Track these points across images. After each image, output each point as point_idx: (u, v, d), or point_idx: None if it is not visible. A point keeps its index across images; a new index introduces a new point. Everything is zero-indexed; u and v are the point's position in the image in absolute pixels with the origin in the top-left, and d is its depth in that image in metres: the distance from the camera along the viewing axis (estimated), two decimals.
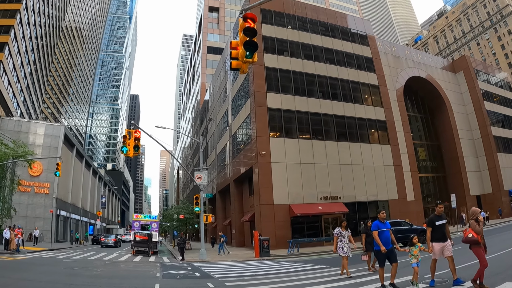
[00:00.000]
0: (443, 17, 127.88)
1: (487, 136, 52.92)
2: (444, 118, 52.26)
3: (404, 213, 36.45)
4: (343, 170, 34.90)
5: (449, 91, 54.08)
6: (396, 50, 50.83)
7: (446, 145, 51.83)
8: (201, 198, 26.51)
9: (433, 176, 50.90)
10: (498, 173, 51.47)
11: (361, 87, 40.16)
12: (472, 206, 47.36)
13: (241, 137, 38.64)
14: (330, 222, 33.78)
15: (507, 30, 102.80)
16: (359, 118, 38.07)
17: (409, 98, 51.36)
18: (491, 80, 62.60)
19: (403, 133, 43.03)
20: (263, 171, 31.53)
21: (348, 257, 13.41)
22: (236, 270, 17.10)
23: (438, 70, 55.15)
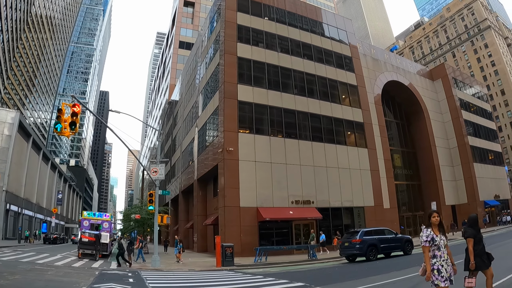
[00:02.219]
0: (420, 28, 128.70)
1: (464, 145, 51.96)
2: (421, 126, 50.87)
3: (380, 221, 34.46)
4: (317, 173, 32.44)
5: (427, 98, 52.88)
6: (375, 52, 49.10)
7: (422, 153, 50.43)
8: (156, 195, 23.25)
9: (408, 184, 49.26)
10: (474, 183, 50.57)
11: (339, 86, 38.03)
12: (448, 216, 46.40)
13: (208, 132, 35.67)
14: (301, 228, 31.24)
15: (484, 44, 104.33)
16: (335, 118, 35.86)
17: (386, 103, 49.75)
18: (468, 90, 61.94)
19: (380, 138, 41.26)
20: (229, 170, 28.66)
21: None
22: (188, 284, 14.01)
23: (416, 77, 53.89)
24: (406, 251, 22.24)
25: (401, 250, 22.25)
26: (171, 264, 24.07)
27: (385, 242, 21.59)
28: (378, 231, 22.31)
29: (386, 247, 21.63)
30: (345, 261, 21.98)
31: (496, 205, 55.79)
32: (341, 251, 22.27)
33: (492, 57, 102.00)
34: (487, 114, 65.25)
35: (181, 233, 45.77)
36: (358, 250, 20.51)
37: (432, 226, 6.79)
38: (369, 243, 20.56)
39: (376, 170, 37.51)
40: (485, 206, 52.25)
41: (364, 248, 20.34)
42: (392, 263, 18.08)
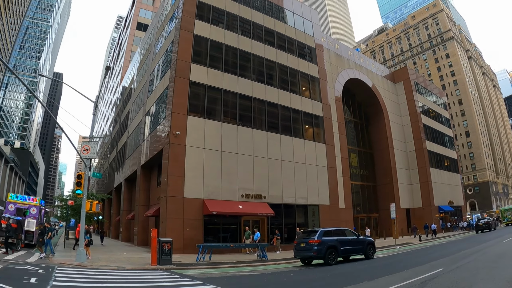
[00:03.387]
0: (383, 33, 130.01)
1: (421, 149, 51.82)
2: (380, 127, 50.24)
3: (335, 221, 33.18)
4: (271, 166, 30.46)
5: (388, 100, 52.38)
6: (339, 48, 47.91)
7: (379, 154, 49.82)
8: (86, 177, 20.20)
9: (364, 185, 48.41)
10: (429, 187, 50.56)
11: (300, 76, 36.27)
12: (402, 219, 45.57)
13: (155, 115, 32.76)
14: (251, 225, 28.94)
15: (446, 54, 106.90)
16: (294, 109, 34.10)
17: (346, 101, 48.87)
18: (429, 96, 62.08)
19: (338, 135, 40.07)
20: (174, 156, 26.06)
21: None
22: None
23: (378, 77, 53.22)
24: (368, 255, 20.41)
25: (363, 253, 20.37)
26: (99, 258, 21.10)
27: (346, 244, 19.54)
28: (339, 232, 20.15)
29: (347, 250, 19.62)
30: (300, 263, 19.83)
31: (450, 211, 55.97)
32: (295, 252, 19.76)
33: (452, 67, 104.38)
34: (445, 121, 65.68)
35: (123, 224, 42.64)
36: (316, 252, 18.13)
37: None
38: (328, 244, 18.36)
39: (333, 168, 36.09)
40: (439, 211, 52.21)
41: (322, 251, 18.07)
42: (356, 270, 16.03)
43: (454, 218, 58.84)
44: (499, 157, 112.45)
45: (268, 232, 29.63)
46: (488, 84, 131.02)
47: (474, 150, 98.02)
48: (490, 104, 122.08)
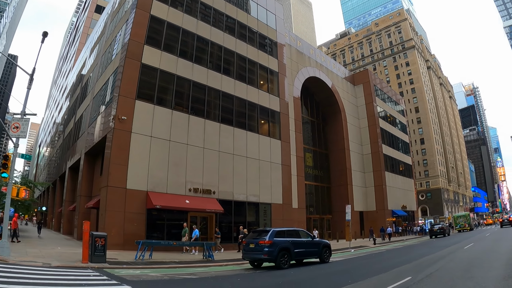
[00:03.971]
0: (345, 38, 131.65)
1: (378, 153, 52.15)
2: (337, 128, 50.26)
3: (287, 221, 32.46)
4: (222, 159, 29.32)
5: (346, 101, 52.46)
6: (301, 45, 47.31)
7: (335, 155, 49.76)
8: (14, 159, 18.17)
9: (318, 185, 48.00)
10: (384, 191, 50.95)
11: (259, 69, 35.33)
12: (356, 222, 45.43)
13: (103, 98, 30.69)
14: (198, 222, 27.62)
15: (406, 62, 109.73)
16: (250, 102, 33.14)
17: (305, 99, 48.34)
18: (387, 101, 62.71)
19: (295, 133, 39.46)
20: (118, 142, 24.33)
21: None
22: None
23: (339, 78, 53.21)
24: (324, 258, 19.18)
25: (318, 257, 19.08)
26: (28, 254, 18.91)
27: (301, 246, 18.13)
28: (292, 233, 18.69)
29: (301, 252, 18.16)
30: (249, 265, 18.29)
31: (402, 216, 56.68)
32: (244, 254, 18.00)
33: (411, 76, 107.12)
34: (402, 127, 66.60)
35: (65, 215, 40.12)
36: (267, 254, 16.54)
37: None
38: (281, 246, 16.86)
39: (288, 166, 35.35)
40: (393, 215, 52.69)
41: (274, 253, 16.51)
42: (312, 276, 14.36)
43: (405, 222, 59.72)
44: (451, 165, 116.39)
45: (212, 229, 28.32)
46: (445, 94, 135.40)
47: (428, 157, 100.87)
48: (445, 114, 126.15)
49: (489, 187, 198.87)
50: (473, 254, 18.56)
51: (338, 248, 30.38)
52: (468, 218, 59.12)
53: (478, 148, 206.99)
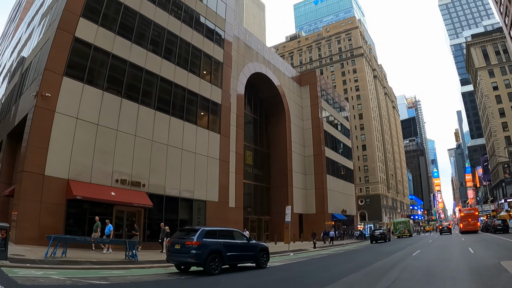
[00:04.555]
0: (295, 40, 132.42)
1: (320, 155, 52.23)
2: (280, 127, 49.88)
3: (223, 221, 31.49)
4: (155, 150, 27.73)
5: (292, 102, 52.29)
6: (250, 39, 46.52)
7: (277, 155, 49.32)
8: None
9: (257, 185, 47.41)
10: (324, 194, 51.10)
11: (203, 57, 34.09)
12: (295, 224, 44.95)
13: (30, 73, 27.88)
14: (125, 217, 25.67)
15: (353, 68, 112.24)
16: (190, 91, 31.81)
17: (249, 96, 47.50)
18: (333, 104, 63.19)
19: (235, 128, 38.68)
20: (39, 122, 22.10)
21: None
22: None
23: (286, 77, 52.89)
24: (260, 263, 17.48)
25: (254, 261, 17.36)
26: None
27: (235, 249, 16.35)
28: (225, 233, 16.74)
29: (235, 256, 16.41)
30: (175, 269, 16.21)
31: (342, 220, 57.10)
32: (168, 256, 15.87)
33: (358, 82, 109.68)
34: (346, 132, 67.37)
35: None
36: (195, 257, 14.51)
37: None
38: (211, 248, 14.94)
39: (226, 162, 34.30)
40: (333, 218, 52.88)
41: (203, 256, 14.50)
42: (248, 285, 12.93)
43: (344, 227, 60.30)
44: (391, 173, 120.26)
45: (145, 227, 26.55)
46: (389, 104, 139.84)
47: (369, 164, 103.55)
48: (388, 123, 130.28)
49: (425, 196, 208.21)
50: (426, 262, 17.13)
51: (276, 251, 29.61)
52: (407, 224, 60.58)
53: (416, 158, 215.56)
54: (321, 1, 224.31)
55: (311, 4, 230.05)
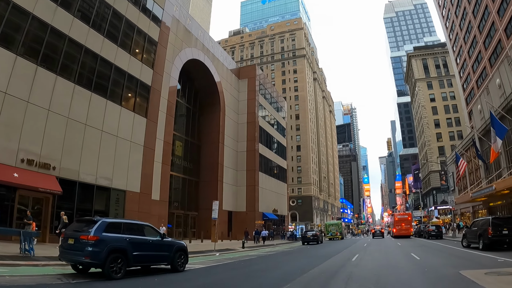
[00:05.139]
0: (238, 36, 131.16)
1: (253, 151, 51.16)
2: (213, 119, 48.38)
3: (145, 215, 29.49)
4: (71, 129, 25.05)
5: (228, 94, 50.85)
6: (190, 24, 44.57)
7: (208, 148, 47.75)
8: None
9: (186, 178, 45.31)
10: (256, 192, 49.81)
11: (137, 33, 31.92)
12: (223, 222, 43.36)
13: None
14: (30, 203, 22.66)
15: (294, 69, 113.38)
16: (118, 67, 29.40)
17: (183, 83, 45.48)
18: (270, 101, 62.46)
19: (166, 115, 36.53)
20: None
21: None
22: None
23: (224, 68, 51.35)
24: (177, 266, 14.73)
25: (169, 263, 14.62)
26: None
27: (144, 248, 13.38)
28: (134, 227, 13.67)
29: (145, 256, 13.44)
30: (71, 270, 13.17)
31: (273, 219, 56.33)
32: (61, 253, 12.59)
33: (297, 83, 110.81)
34: (281, 130, 66.87)
35: None
36: (91, 256, 11.48)
37: None
38: (113, 246, 11.98)
39: (151, 149, 32.21)
40: (263, 218, 51.88)
41: (101, 255, 11.55)
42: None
43: (274, 226, 59.65)
44: (324, 175, 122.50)
45: (53, 217, 23.58)
46: (326, 108, 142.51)
47: (302, 165, 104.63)
48: (324, 126, 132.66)
49: (355, 200, 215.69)
50: (372, 270, 14.38)
51: (201, 250, 27.92)
52: (340, 226, 60.40)
53: (349, 163, 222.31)
54: (268, 1, 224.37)
55: (259, 3, 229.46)
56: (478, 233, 23.06)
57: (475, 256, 18.85)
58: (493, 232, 21.32)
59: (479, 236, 22.75)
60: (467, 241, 25.69)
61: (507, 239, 21.59)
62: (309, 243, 43.13)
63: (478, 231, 23.05)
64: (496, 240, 21.48)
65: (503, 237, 21.40)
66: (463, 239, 26.88)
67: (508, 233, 21.34)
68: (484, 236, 21.94)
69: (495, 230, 21.38)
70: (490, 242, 21.56)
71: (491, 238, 21.37)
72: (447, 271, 13.15)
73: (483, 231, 22.27)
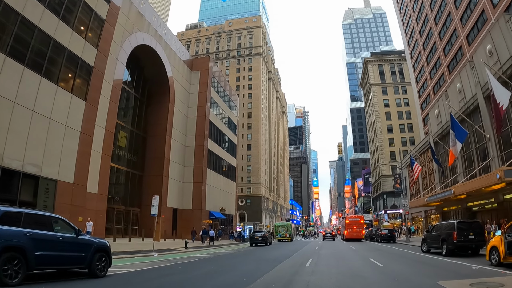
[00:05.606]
0: (195, 30, 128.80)
1: (202, 147, 49.44)
2: (162, 111, 46.24)
3: (79, 208, 27.28)
4: None
5: (179, 85, 49.03)
6: (144, 7, 42.44)
7: (154, 141, 45.50)
8: None
9: (129, 171, 42.66)
10: (203, 189, 47.91)
11: (83, 7, 29.07)
12: (168, 220, 41.04)
13: None
14: None
15: (249, 66, 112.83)
16: (58, 43, 26.50)
17: (132, 70, 42.88)
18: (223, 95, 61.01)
19: (109, 101, 34.06)
20: None
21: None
22: None
23: (176, 57, 49.50)
24: (95, 270, 11.85)
25: (86, 266, 11.69)
26: None
27: (51, 246, 10.33)
28: (40, 220, 10.68)
29: (52, 257, 10.38)
30: None
31: (221, 218, 54.57)
32: None
33: (252, 81, 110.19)
34: (232, 127, 65.36)
35: None
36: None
37: None
38: (6, 243, 8.99)
39: (89, 136, 29.66)
40: (210, 217, 50.02)
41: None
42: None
43: (222, 226, 57.96)
44: (274, 176, 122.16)
45: None
46: (279, 109, 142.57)
47: (252, 164, 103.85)
48: (276, 126, 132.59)
49: (304, 203, 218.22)
50: (331, 280, 11.98)
51: (138, 250, 25.67)
52: (289, 228, 58.87)
53: (299, 165, 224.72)
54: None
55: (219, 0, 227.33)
56: (441, 238, 22.24)
57: (442, 263, 17.65)
58: (459, 237, 20.50)
59: (442, 241, 21.93)
60: (427, 246, 24.88)
61: (473, 244, 20.98)
62: (258, 244, 41.47)
63: (441, 236, 22.23)
64: (461, 245, 20.75)
65: (469, 242, 20.71)
66: (422, 243, 25.91)
67: (474, 238, 20.69)
68: (449, 241, 21.09)
69: (461, 235, 20.59)
70: (455, 247, 20.78)
71: (456, 243, 20.56)
72: (422, 281, 11.30)
73: (447, 236, 21.47)
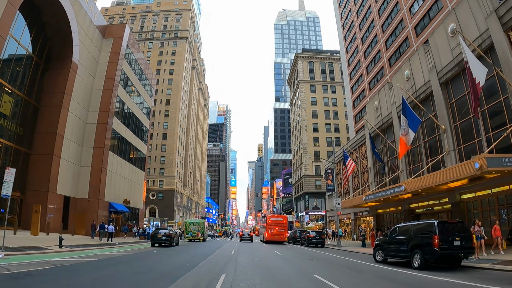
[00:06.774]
0: (121, 7, 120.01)
1: (105, 125, 43.20)
2: (61, 78, 39.11)
3: None
4: None
5: (86, 51, 42.50)
6: None
7: (48, 112, 37.91)
8: None
9: (12, 147, 34.41)
10: (102, 176, 41.11)
11: None
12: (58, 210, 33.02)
13: None
14: None
15: (173, 50, 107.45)
16: None
17: (30, 24, 35.45)
18: (138, 72, 54.41)
19: None
20: None
21: None
22: None
23: (87, 18, 43.16)
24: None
25: None
26: None
27: None
28: None
29: None
30: None
31: (124, 212, 47.90)
32: None
33: (174, 66, 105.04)
34: (146, 111, 59.44)
35: None
36: None
37: None
38: None
39: None
40: (110, 209, 43.40)
41: None
42: None
43: (128, 222, 51.41)
44: (190, 170, 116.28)
45: None
46: (201, 101, 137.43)
47: (167, 155, 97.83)
48: (196, 118, 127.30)
49: (221, 201, 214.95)
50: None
51: None
52: (202, 226, 52.79)
53: (218, 163, 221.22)
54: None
55: None
56: (410, 244, 16.79)
57: (431, 281, 12.20)
58: (442, 243, 15.05)
59: (414, 248, 16.46)
60: (384, 255, 19.41)
61: (461, 253, 15.70)
62: (161, 244, 35.07)
63: (411, 241, 16.80)
64: (446, 254, 15.33)
65: (457, 250, 15.44)
66: (376, 251, 20.13)
67: (461, 244, 15.33)
68: (426, 249, 15.67)
69: (445, 240, 15.20)
70: (436, 257, 15.39)
71: (439, 252, 15.10)
72: None
73: (422, 241, 16.04)
